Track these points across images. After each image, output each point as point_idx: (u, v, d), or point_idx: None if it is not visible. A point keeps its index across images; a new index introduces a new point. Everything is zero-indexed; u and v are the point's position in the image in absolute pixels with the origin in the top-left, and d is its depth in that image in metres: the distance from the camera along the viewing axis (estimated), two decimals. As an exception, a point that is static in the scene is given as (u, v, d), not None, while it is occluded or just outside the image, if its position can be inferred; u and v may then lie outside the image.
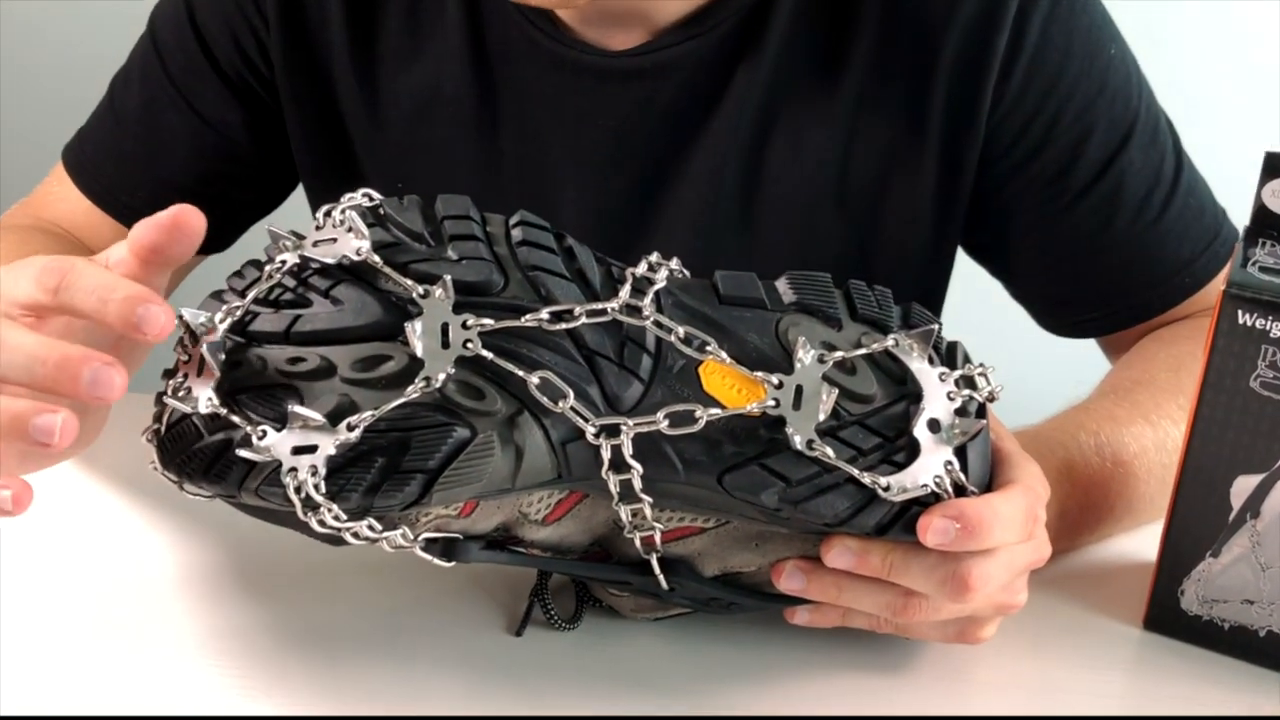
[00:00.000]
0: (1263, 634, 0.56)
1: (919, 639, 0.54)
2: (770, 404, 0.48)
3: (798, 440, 0.47)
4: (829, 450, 0.47)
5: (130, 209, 0.77)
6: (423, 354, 0.45)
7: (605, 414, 0.47)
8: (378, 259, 0.47)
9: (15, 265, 0.47)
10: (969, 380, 0.51)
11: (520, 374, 0.46)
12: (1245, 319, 0.53)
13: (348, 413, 0.45)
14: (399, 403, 0.45)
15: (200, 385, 0.46)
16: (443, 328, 0.46)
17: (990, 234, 0.74)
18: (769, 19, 0.68)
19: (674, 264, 0.51)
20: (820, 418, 0.48)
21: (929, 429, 0.49)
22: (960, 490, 0.49)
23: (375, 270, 0.47)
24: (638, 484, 0.47)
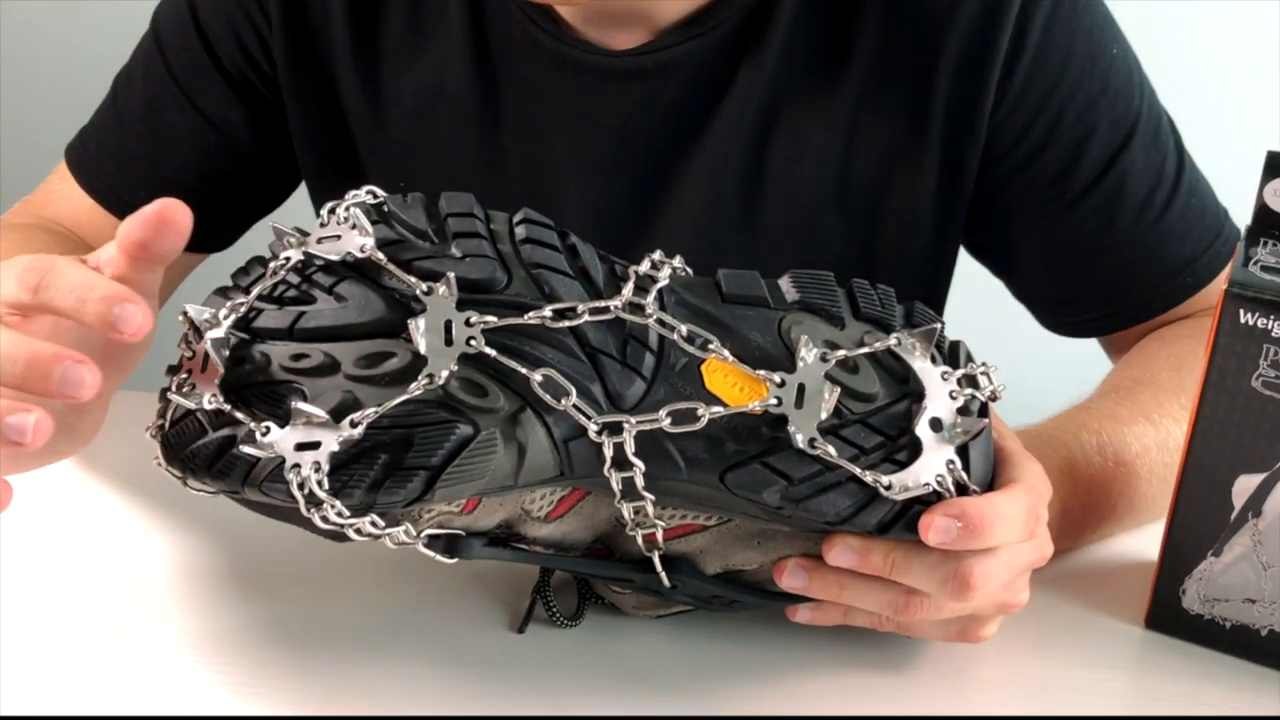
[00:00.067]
0: (1264, 633, 0.56)
1: (920, 638, 0.54)
2: (772, 402, 0.48)
3: (800, 438, 0.47)
4: (831, 449, 0.47)
5: (133, 208, 0.75)
6: (426, 351, 0.46)
7: (608, 412, 0.47)
8: (382, 256, 0.47)
9: (2, 265, 0.46)
10: (971, 379, 0.51)
11: (523, 371, 0.46)
12: (1247, 318, 0.53)
13: (351, 409, 0.45)
14: (402, 399, 0.45)
15: (204, 382, 0.46)
16: (446, 325, 0.46)
17: (992, 233, 0.74)
18: (771, 18, 0.68)
19: (677, 262, 0.51)
20: (822, 416, 0.48)
21: (931, 428, 0.49)
22: (962, 489, 0.49)
23: (379, 267, 0.47)
24: (640, 481, 0.47)
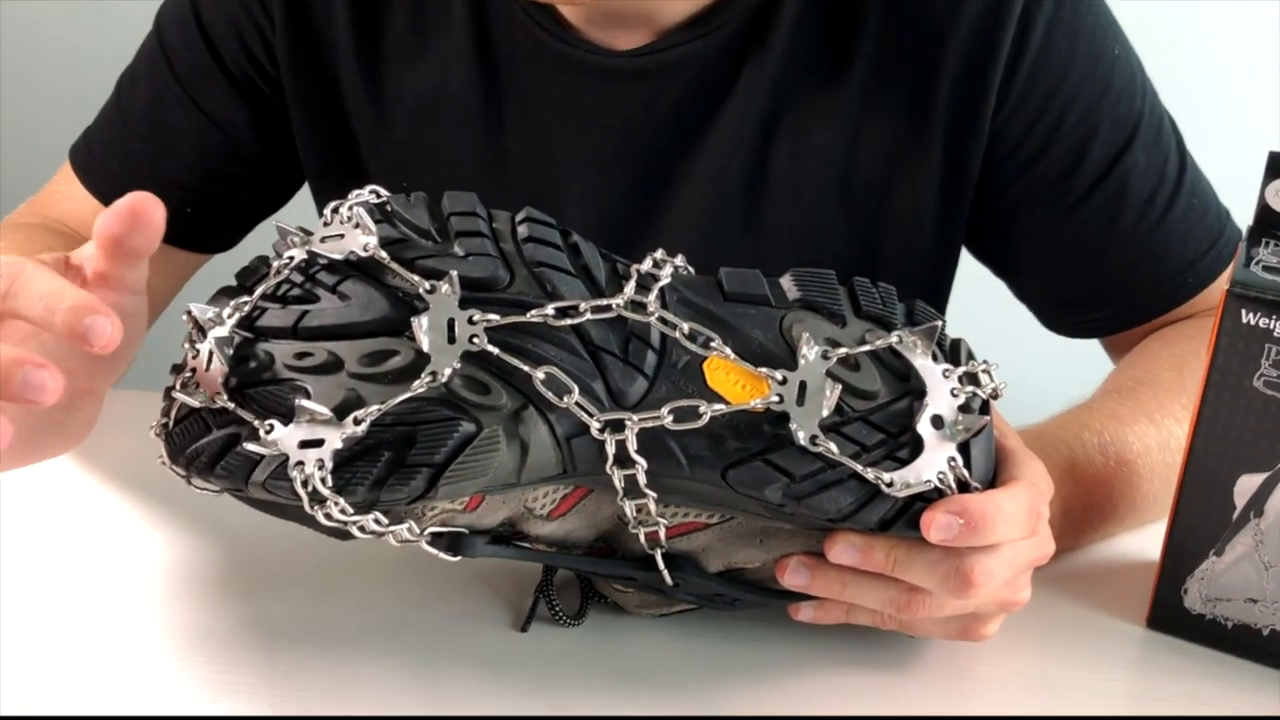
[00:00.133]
0: (1266, 633, 0.56)
1: (922, 636, 0.54)
2: (774, 400, 0.48)
3: (801, 436, 0.47)
4: (832, 446, 0.47)
5: None
6: (429, 349, 0.46)
7: (610, 409, 0.47)
8: (385, 255, 0.48)
9: None
10: (972, 377, 0.51)
11: (525, 369, 0.46)
12: (1249, 318, 0.53)
13: (354, 407, 0.45)
14: (405, 397, 0.45)
15: (208, 380, 0.46)
16: (449, 323, 0.46)
17: (994, 234, 0.74)
18: (774, 19, 0.68)
19: (679, 261, 0.51)
20: (824, 413, 0.48)
21: (932, 425, 0.49)
22: (964, 486, 0.49)
23: (382, 266, 0.48)
24: (642, 479, 0.47)
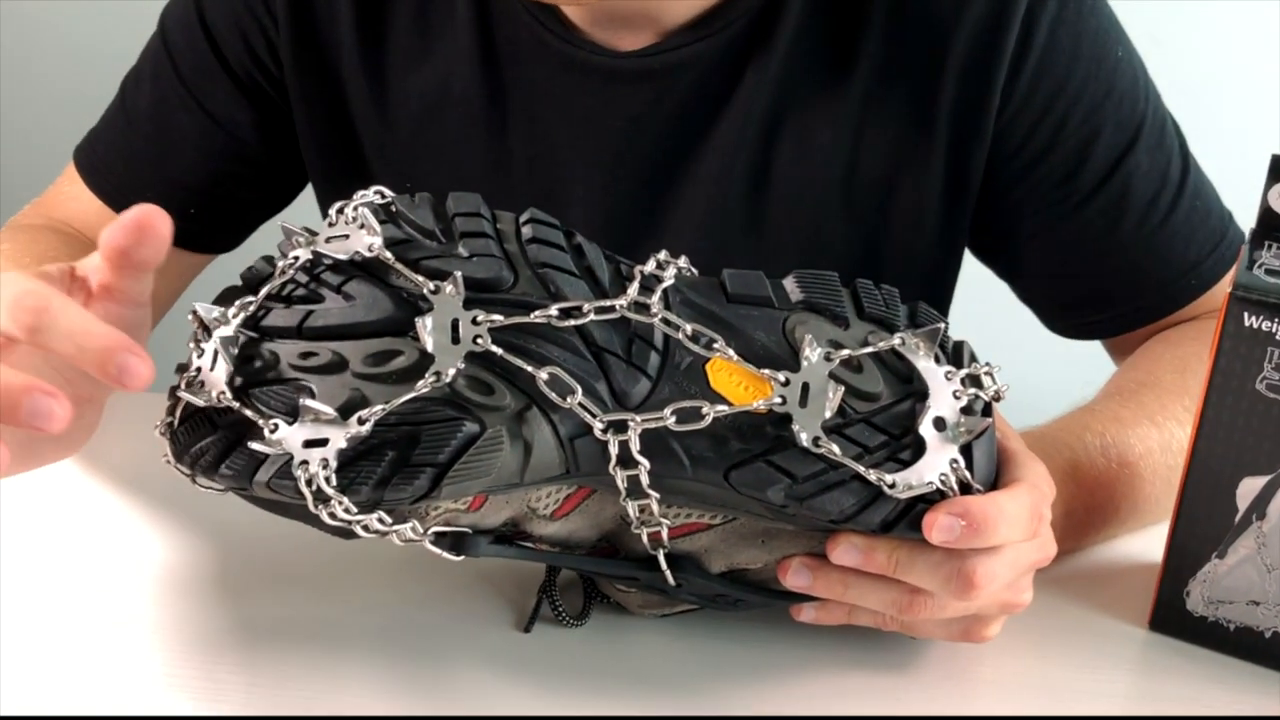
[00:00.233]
0: (1268, 635, 0.56)
1: (924, 637, 0.54)
2: (777, 401, 0.48)
3: (804, 437, 0.47)
4: (835, 447, 0.47)
5: None
6: (433, 349, 0.46)
7: (613, 410, 0.47)
8: (389, 255, 0.48)
9: None
10: (975, 379, 0.51)
11: (529, 369, 0.46)
12: (1251, 321, 0.53)
13: (358, 407, 0.45)
14: (409, 397, 0.45)
15: (213, 379, 0.46)
16: (453, 323, 0.46)
17: (997, 235, 0.74)
18: (777, 20, 0.68)
19: (682, 262, 0.51)
20: (826, 415, 0.48)
21: (935, 427, 0.49)
22: (966, 488, 0.49)
23: (387, 266, 0.48)
24: (645, 479, 0.47)
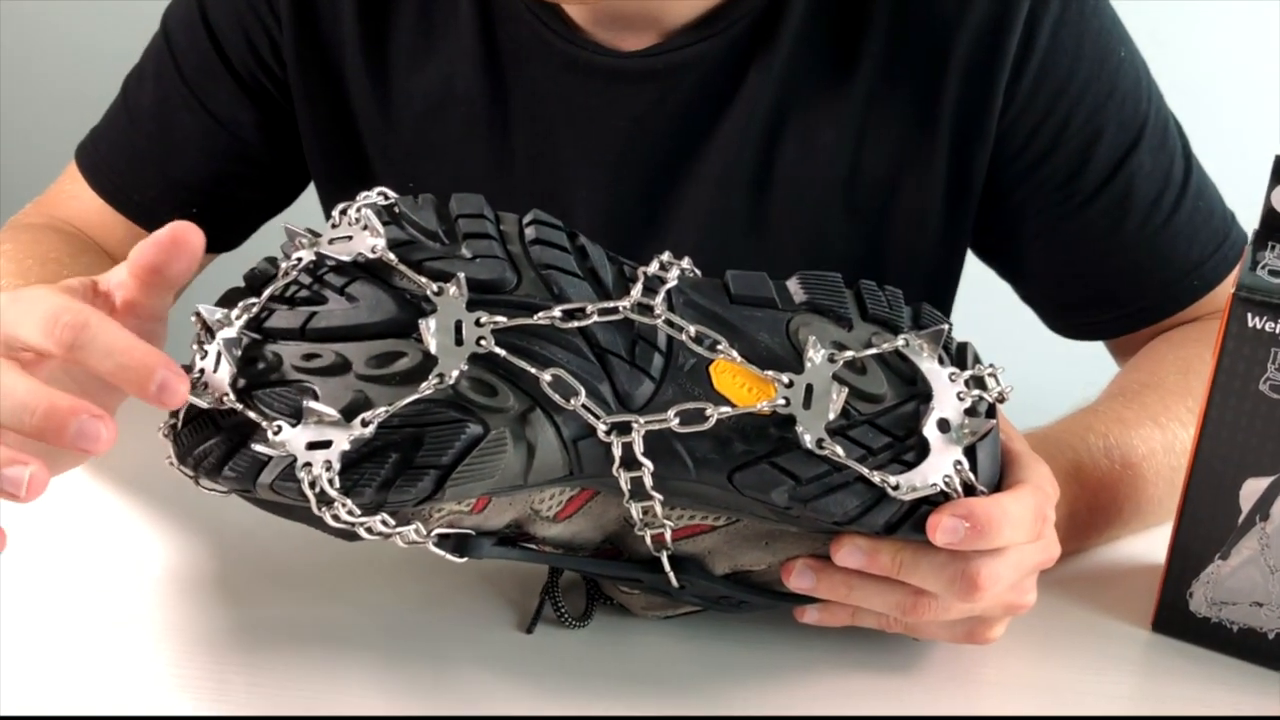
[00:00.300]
0: (1271, 636, 0.56)
1: (928, 639, 0.54)
2: (780, 403, 0.48)
3: (808, 439, 0.47)
4: (839, 449, 0.47)
5: (142, 207, 0.77)
6: (436, 351, 0.46)
7: (616, 411, 0.47)
8: (393, 257, 0.48)
9: (23, 297, 0.46)
10: (979, 380, 0.51)
11: (533, 371, 0.46)
12: (1255, 322, 0.53)
13: (362, 408, 0.45)
14: (413, 399, 0.45)
15: (216, 381, 0.46)
16: (456, 325, 0.46)
17: (1000, 236, 0.74)
18: (781, 20, 0.68)
19: (685, 263, 0.51)
20: (830, 417, 0.48)
21: (938, 429, 0.49)
22: (969, 490, 0.49)
23: (390, 268, 0.48)
24: (648, 481, 0.47)
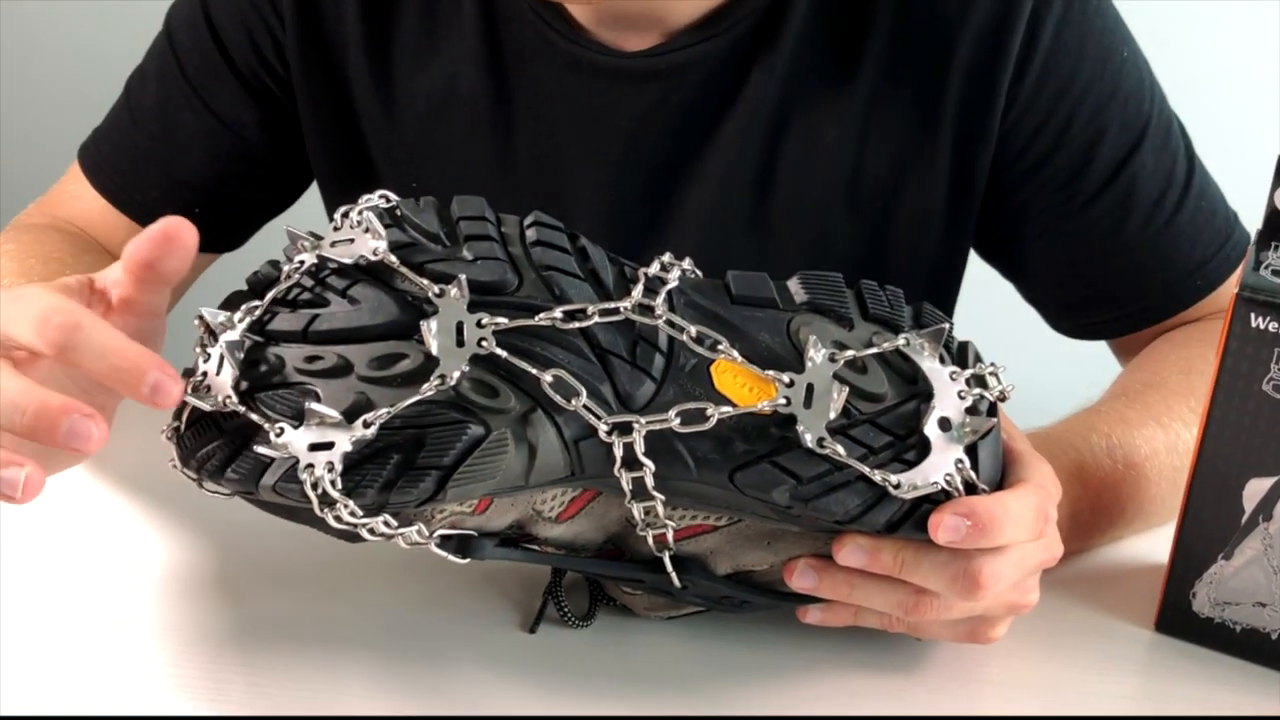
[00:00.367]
0: (1275, 636, 0.56)
1: (930, 638, 0.54)
2: (781, 402, 0.48)
3: (809, 438, 0.47)
4: (840, 448, 0.47)
5: (145, 207, 0.77)
6: (438, 352, 0.46)
7: (617, 412, 0.47)
8: (394, 259, 0.48)
9: (18, 296, 0.46)
10: (980, 379, 0.51)
11: (534, 372, 0.46)
12: (1258, 322, 0.53)
13: (364, 410, 0.45)
14: (414, 400, 0.45)
15: (219, 384, 0.46)
16: (458, 326, 0.46)
17: (1002, 236, 0.74)
18: (783, 20, 0.68)
19: (686, 264, 0.51)
20: (831, 416, 0.48)
21: (940, 427, 0.49)
22: (971, 488, 0.49)
23: (392, 270, 0.48)
24: (650, 481, 0.47)
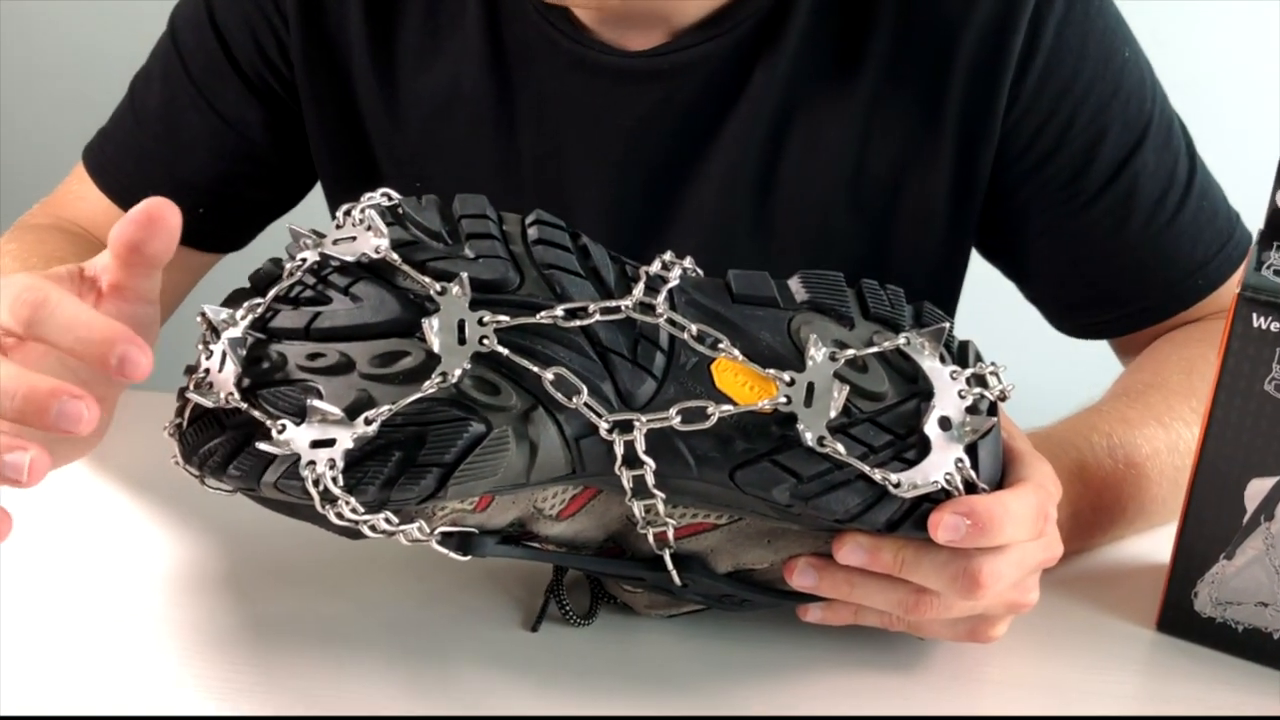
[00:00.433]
0: (1276, 636, 0.56)
1: (930, 637, 0.54)
2: (782, 401, 0.48)
3: (809, 437, 0.47)
4: (840, 447, 0.47)
5: None
6: (439, 350, 0.46)
7: (619, 410, 0.47)
8: (396, 257, 0.48)
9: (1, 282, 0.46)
10: (980, 378, 0.51)
11: (535, 370, 0.46)
12: (1260, 322, 0.53)
13: (365, 407, 0.45)
14: (416, 398, 0.45)
15: (221, 381, 0.47)
16: (459, 324, 0.46)
17: (1004, 235, 0.74)
18: (786, 20, 0.68)
19: (687, 262, 0.51)
20: (831, 415, 0.48)
21: (940, 427, 0.49)
22: (971, 488, 0.49)
23: (394, 268, 0.48)
24: (650, 480, 0.47)
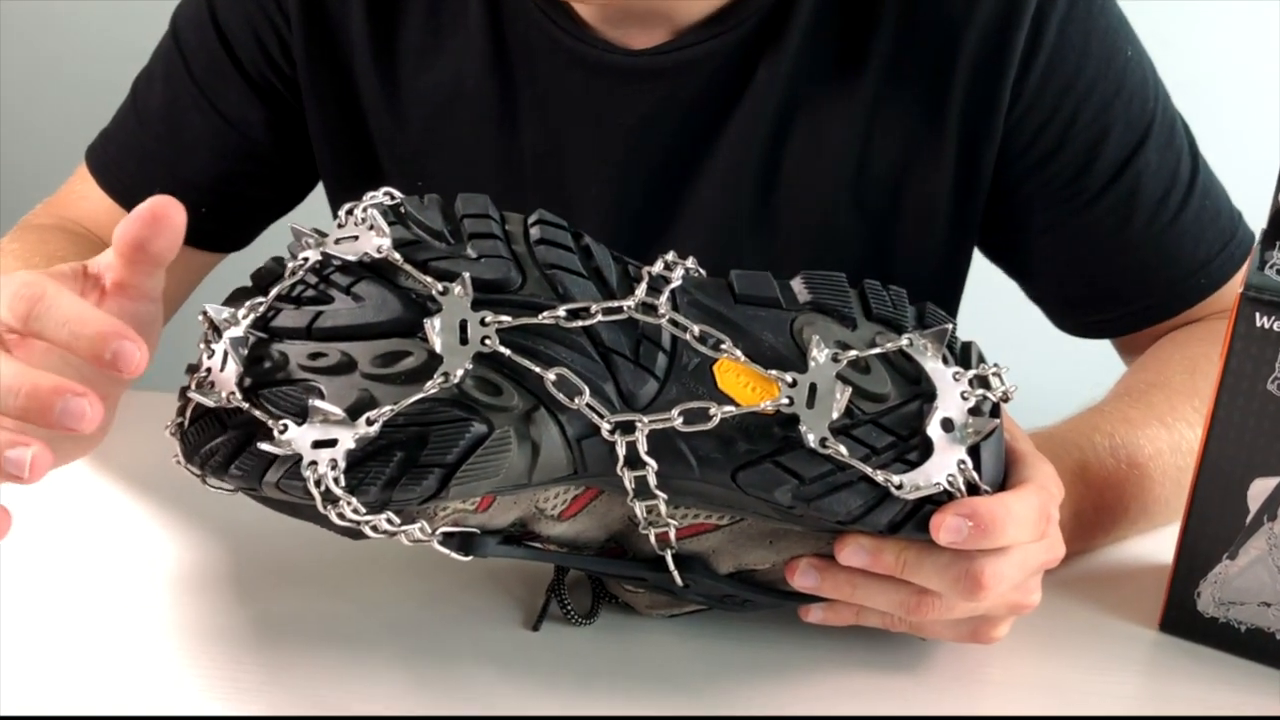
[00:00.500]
0: (1279, 636, 0.56)
1: (932, 638, 0.54)
2: (784, 402, 0.48)
3: (811, 438, 0.47)
4: (842, 448, 0.47)
5: None
6: (441, 350, 0.46)
7: (620, 411, 0.47)
8: (398, 256, 0.48)
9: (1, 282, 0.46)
10: (983, 380, 0.51)
11: (537, 370, 0.46)
12: (1263, 321, 0.53)
13: (367, 407, 0.45)
14: (417, 398, 0.45)
15: (223, 380, 0.47)
16: (461, 324, 0.46)
17: (1007, 234, 0.74)
18: (790, 18, 0.68)
19: (690, 263, 0.51)
20: (834, 416, 0.48)
21: (942, 428, 0.49)
22: (973, 489, 0.49)
23: (396, 268, 0.48)
24: (652, 480, 0.47)
